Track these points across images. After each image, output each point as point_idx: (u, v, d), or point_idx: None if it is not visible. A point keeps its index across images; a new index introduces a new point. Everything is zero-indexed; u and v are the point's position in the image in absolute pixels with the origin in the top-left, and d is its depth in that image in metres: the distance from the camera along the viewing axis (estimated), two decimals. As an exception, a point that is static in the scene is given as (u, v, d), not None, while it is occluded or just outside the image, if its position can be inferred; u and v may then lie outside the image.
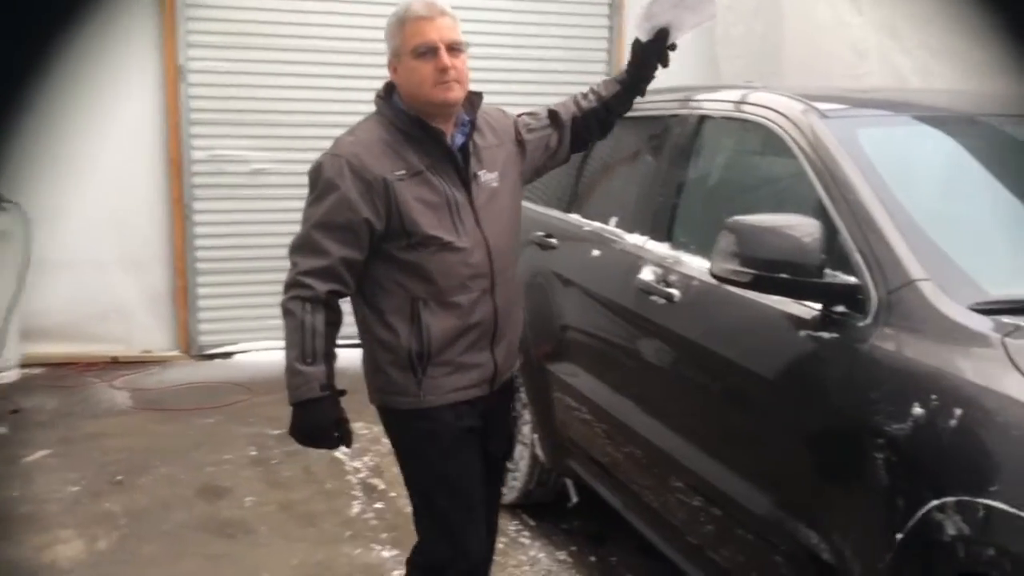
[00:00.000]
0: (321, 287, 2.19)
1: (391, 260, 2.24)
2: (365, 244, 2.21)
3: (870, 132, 2.49)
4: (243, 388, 5.50)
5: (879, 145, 2.44)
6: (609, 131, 2.66)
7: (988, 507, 1.62)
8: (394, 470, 4.42)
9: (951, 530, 1.68)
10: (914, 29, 5.49)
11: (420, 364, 2.25)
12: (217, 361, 6.15)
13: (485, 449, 2.44)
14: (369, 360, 2.34)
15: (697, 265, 2.72)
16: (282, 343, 2.23)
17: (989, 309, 1.92)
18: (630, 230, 3.17)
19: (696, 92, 3.17)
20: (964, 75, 5.15)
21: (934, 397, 1.80)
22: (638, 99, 3.46)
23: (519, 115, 2.55)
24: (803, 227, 2.14)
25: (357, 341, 2.37)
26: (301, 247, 2.23)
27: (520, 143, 2.47)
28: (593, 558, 3.53)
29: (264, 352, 5.97)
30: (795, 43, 6.52)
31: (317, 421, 2.24)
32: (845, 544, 1.99)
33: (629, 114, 3.62)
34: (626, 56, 2.65)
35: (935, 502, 1.72)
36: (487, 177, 2.32)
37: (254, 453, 4.54)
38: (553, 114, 2.56)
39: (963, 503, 1.67)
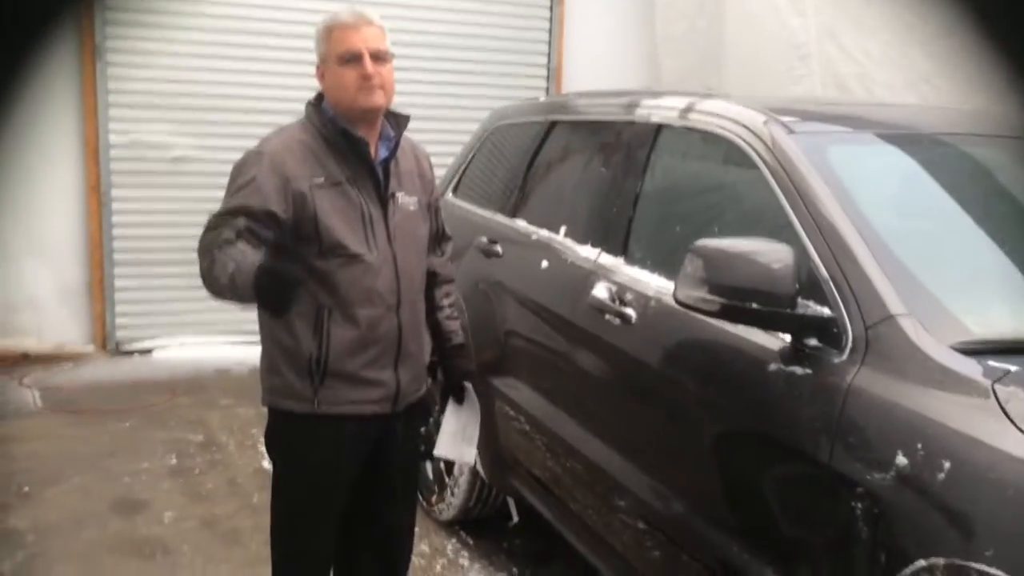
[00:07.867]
0: (233, 236, 2.09)
1: (303, 265, 2.16)
2: (269, 233, 2.13)
3: (840, 150, 2.39)
4: (163, 388, 5.14)
5: (850, 165, 2.33)
6: None
7: (983, 574, 1.51)
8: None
9: (940, 593, 1.58)
10: (858, 36, 5.46)
11: (319, 371, 2.23)
12: (135, 358, 5.81)
13: (375, 470, 2.39)
14: (267, 360, 2.32)
15: (655, 284, 2.59)
16: (207, 339, 2.06)
17: (973, 350, 1.82)
18: (582, 241, 3.03)
19: (650, 98, 3.02)
20: (909, 85, 5.14)
21: (920, 447, 1.69)
22: (588, 100, 3.35)
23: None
24: (774, 253, 2.02)
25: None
26: (210, 227, 2.15)
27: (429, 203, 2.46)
28: (535, 581, 3.41)
29: (187, 349, 5.58)
30: (737, 42, 6.46)
31: (279, 271, 2.01)
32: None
33: (577, 118, 3.49)
34: (566, 46, 2.62)
35: (922, 562, 1.61)
36: (405, 200, 2.33)
37: (174, 462, 4.28)
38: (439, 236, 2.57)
39: (954, 567, 1.56)
